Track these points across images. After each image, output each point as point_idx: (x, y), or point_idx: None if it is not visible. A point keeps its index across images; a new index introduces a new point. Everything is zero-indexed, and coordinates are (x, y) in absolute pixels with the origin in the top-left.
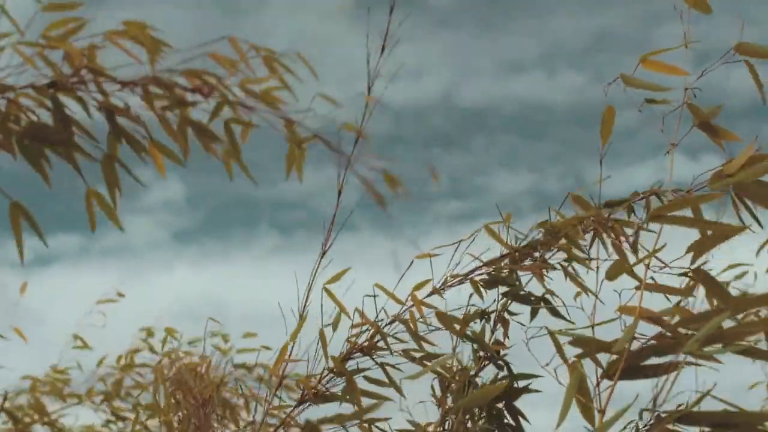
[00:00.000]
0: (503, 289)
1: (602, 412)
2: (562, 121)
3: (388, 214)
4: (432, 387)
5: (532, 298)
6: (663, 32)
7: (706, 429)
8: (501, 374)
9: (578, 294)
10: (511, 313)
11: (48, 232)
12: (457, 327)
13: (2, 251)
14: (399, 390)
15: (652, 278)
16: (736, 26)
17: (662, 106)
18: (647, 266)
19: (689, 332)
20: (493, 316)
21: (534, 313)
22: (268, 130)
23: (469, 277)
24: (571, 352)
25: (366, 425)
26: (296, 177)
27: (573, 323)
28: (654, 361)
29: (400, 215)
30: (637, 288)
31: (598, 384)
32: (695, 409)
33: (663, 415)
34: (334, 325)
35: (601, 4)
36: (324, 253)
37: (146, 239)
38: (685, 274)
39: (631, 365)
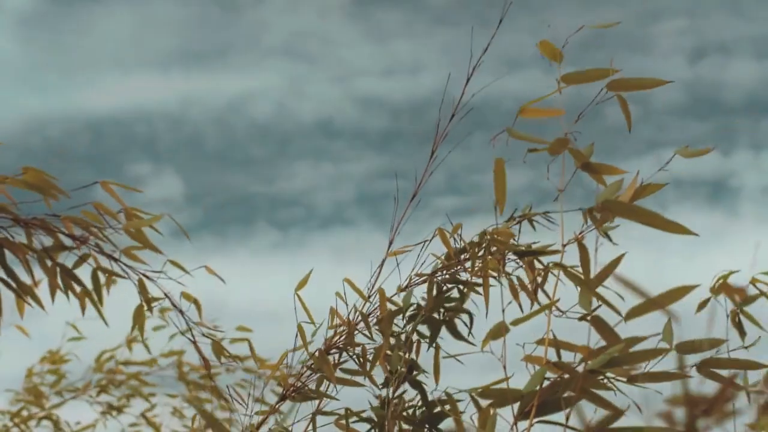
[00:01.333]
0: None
1: None
2: (559, 117)
3: (212, 379)
4: None
5: (436, 319)
6: (660, 29)
7: None
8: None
9: (486, 341)
10: (420, 335)
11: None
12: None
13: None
14: (374, 381)
15: (552, 331)
16: (733, 23)
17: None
18: (549, 312)
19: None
20: (403, 337)
21: (433, 338)
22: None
23: (435, 277)
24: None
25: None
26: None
27: (473, 345)
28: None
29: (398, 210)
30: (539, 342)
31: (514, 424)
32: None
33: None
34: (313, 333)
35: (599, 1)
36: (384, 260)
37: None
38: (583, 319)
39: (542, 403)
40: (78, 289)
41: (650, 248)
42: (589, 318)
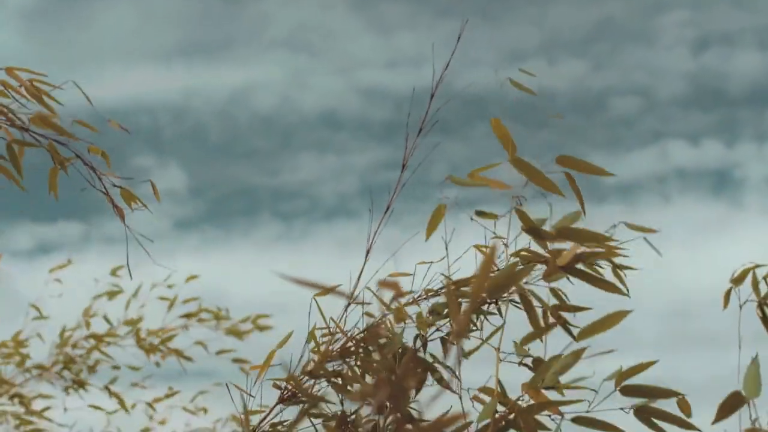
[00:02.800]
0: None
1: None
2: (562, 109)
3: (126, 226)
4: None
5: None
6: (663, 21)
7: None
8: None
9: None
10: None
11: (49, 220)
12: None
13: (2, 240)
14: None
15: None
16: (736, 14)
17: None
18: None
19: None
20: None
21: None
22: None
23: (440, 293)
24: None
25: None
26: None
27: (456, 393)
28: None
29: (401, 202)
30: (483, 390)
31: None
32: None
33: None
34: (310, 337)
35: None
36: (368, 252)
37: (147, 228)
38: (522, 364)
39: None
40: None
41: (653, 239)
42: (531, 362)
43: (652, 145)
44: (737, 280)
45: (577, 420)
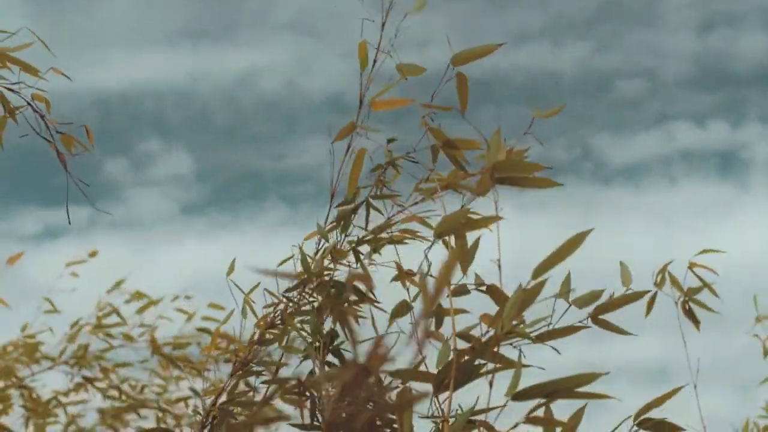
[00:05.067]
0: None
1: (446, 420)
2: (567, 91)
3: (68, 172)
4: None
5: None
6: (668, 2)
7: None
8: None
9: (391, 321)
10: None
11: (56, 205)
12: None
13: (10, 225)
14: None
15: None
16: None
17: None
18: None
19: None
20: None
21: (340, 302)
22: None
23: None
24: None
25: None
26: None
27: (379, 303)
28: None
29: (405, 184)
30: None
31: (436, 396)
32: None
33: None
34: (244, 312)
35: None
36: (333, 196)
37: (155, 212)
38: (478, 290)
39: (458, 373)
40: None
41: (656, 222)
42: (485, 288)
43: (658, 127)
44: (660, 284)
45: (541, 337)
